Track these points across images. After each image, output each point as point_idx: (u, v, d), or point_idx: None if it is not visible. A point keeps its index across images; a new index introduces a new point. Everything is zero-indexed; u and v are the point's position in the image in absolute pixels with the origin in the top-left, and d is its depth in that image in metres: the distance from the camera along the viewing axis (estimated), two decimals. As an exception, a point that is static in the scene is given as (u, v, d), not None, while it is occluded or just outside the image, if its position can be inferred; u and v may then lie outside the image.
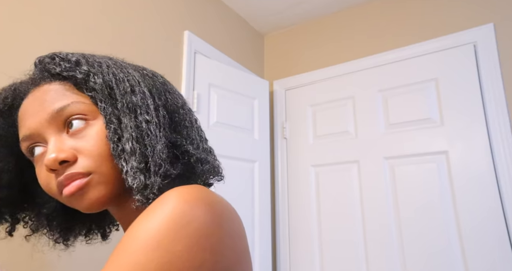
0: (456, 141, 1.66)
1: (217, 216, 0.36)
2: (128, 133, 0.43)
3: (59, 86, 0.46)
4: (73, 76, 0.45)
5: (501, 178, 1.53)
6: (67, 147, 0.43)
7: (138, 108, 0.45)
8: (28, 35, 1.13)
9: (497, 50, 1.65)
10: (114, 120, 0.44)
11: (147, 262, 0.32)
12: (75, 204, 0.44)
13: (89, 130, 0.44)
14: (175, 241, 0.33)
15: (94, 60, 0.47)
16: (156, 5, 1.61)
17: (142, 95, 0.46)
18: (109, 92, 0.45)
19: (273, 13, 2.20)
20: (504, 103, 1.59)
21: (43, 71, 0.48)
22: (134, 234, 0.34)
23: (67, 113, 0.44)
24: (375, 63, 1.95)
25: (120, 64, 0.50)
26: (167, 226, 0.33)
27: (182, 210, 0.34)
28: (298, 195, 2.04)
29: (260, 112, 2.04)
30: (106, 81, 0.45)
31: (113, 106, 0.44)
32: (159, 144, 0.44)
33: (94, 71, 0.45)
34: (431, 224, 1.63)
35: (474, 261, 1.51)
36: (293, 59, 2.27)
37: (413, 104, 1.79)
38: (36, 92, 0.46)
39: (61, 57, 0.47)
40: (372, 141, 1.87)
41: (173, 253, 0.33)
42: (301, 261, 1.93)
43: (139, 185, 0.41)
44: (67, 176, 0.42)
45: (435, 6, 1.85)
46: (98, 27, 1.33)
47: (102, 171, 0.43)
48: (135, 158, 0.42)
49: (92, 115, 0.45)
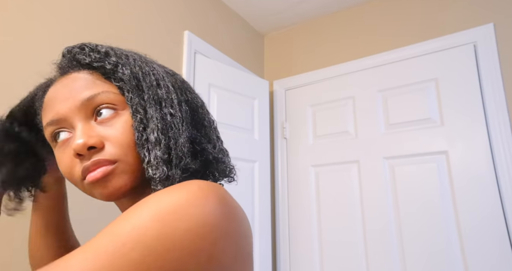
0: (456, 141, 1.66)
1: (227, 212, 0.36)
2: (153, 123, 0.44)
3: (88, 75, 0.47)
4: (102, 66, 0.46)
5: (501, 178, 1.53)
6: (95, 134, 0.44)
7: (163, 101, 0.46)
8: (28, 35, 1.13)
9: (497, 50, 1.65)
10: (140, 110, 0.45)
11: (147, 229, 0.32)
12: (96, 191, 0.44)
13: (117, 120, 0.45)
14: (180, 220, 0.33)
15: (121, 52, 0.49)
16: (156, 5, 1.61)
17: (167, 89, 0.48)
18: (136, 84, 0.46)
19: (273, 13, 2.20)
20: (504, 103, 1.59)
21: (72, 61, 0.48)
22: (144, 202, 0.35)
23: (97, 102, 0.45)
24: (375, 63, 1.95)
25: (145, 58, 0.51)
26: (178, 204, 0.34)
27: (196, 195, 0.35)
28: (298, 195, 2.04)
29: (260, 112, 2.04)
30: (134, 72, 0.46)
31: (139, 97, 0.45)
32: (181, 137, 0.45)
33: (122, 62, 0.47)
34: (431, 224, 1.63)
35: (474, 261, 1.51)
36: (293, 59, 2.27)
37: (413, 104, 1.79)
38: (65, 79, 0.47)
39: (91, 47, 0.48)
40: (372, 141, 1.87)
41: (174, 229, 0.33)
42: (301, 261, 1.93)
43: (161, 175, 0.42)
44: (94, 161, 0.42)
45: (435, 6, 1.85)
46: (98, 27, 1.33)
47: (128, 160, 0.44)
48: (159, 148, 0.43)
49: (121, 106, 0.46)
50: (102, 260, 0.31)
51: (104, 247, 0.32)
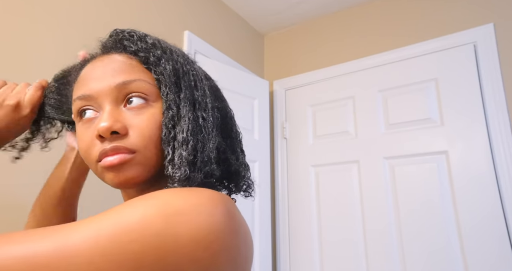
0: (456, 141, 1.66)
1: (233, 227, 0.36)
2: (185, 123, 0.44)
3: (128, 59, 0.47)
4: (146, 57, 0.46)
5: (501, 178, 1.53)
6: (121, 119, 0.44)
7: (197, 103, 0.46)
8: (28, 34, 1.13)
9: (497, 50, 1.65)
10: (174, 107, 0.44)
11: (151, 224, 0.32)
12: (107, 176, 0.44)
13: (145, 110, 0.44)
14: (184, 224, 0.33)
15: (167, 46, 0.49)
16: (156, 5, 1.61)
17: (203, 92, 0.48)
18: (175, 80, 0.46)
19: (273, 13, 2.20)
20: (504, 103, 1.59)
21: (117, 43, 0.49)
22: (152, 196, 0.35)
23: (131, 88, 0.45)
24: (375, 63, 1.95)
25: (188, 57, 0.51)
26: (186, 208, 0.34)
27: (205, 203, 0.35)
28: (298, 195, 2.04)
29: (260, 112, 2.04)
30: (175, 69, 0.46)
31: (175, 94, 0.45)
32: (210, 142, 0.45)
33: (166, 57, 0.47)
34: (431, 224, 1.63)
35: (474, 261, 1.51)
36: (293, 59, 2.27)
37: (413, 104, 1.79)
38: (105, 58, 0.47)
39: (139, 36, 0.48)
40: (372, 141, 1.87)
41: (176, 232, 0.32)
42: (301, 261, 1.93)
43: (182, 175, 0.41)
44: (113, 147, 0.42)
45: (435, 6, 1.85)
46: (98, 27, 1.33)
47: (145, 153, 0.43)
48: (185, 148, 0.42)
49: (152, 97, 0.45)
50: (102, 242, 0.31)
51: (107, 230, 0.31)
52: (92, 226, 0.32)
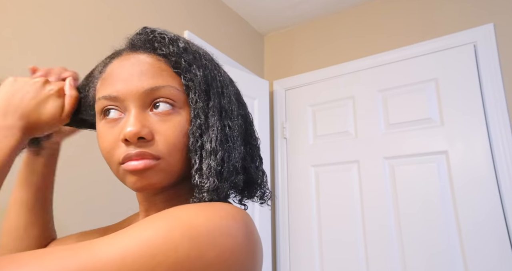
0: (456, 141, 1.66)
1: (251, 248, 0.36)
2: (213, 132, 0.43)
3: (157, 62, 0.45)
4: (176, 61, 0.45)
5: (501, 178, 1.53)
6: (148, 124, 0.43)
7: (223, 111, 0.46)
8: (28, 34, 1.12)
9: (497, 50, 1.64)
10: (202, 115, 0.44)
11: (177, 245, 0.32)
12: (129, 179, 0.43)
13: (172, 117, 0.44)
14: (210, 246, 0.33)
15: (196, 50, 0.47)
16: (156, 5, 1.61)
17: (229, 99, 0.47)
18: (205, 88, 0.45)
19: (273, 13, 2.20)
20: (504, 103, 1.59)
21: (147, 43, 0.47)
22: (174, 215, 0.35)
23: (160, 94, 0.44)
24: (375, 63, 1.95)
25: (215, 61, 0.50)
26: (211, 228, 0.34)
27: (228, 224, 0.35)
28: (298, 195, 2.04)
29: (260, 112, 2.04)
30: (205, 75, 0.45)
31: (204, 102, 0.44)
32: (235, 151, 0.45)
33: (197, 63, 0.45)
34: (431, 224, 1.63)
35: (474, 261, 1.51)
36: (293, 59, 2.27)
37: (413, 104, 1.79)
38: (132, 58, 0.46)
39: (171, 39, 0.46)
40: (372, 141, 1.87)
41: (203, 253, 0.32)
42: (301, 261, 1.93)
43: (211, 186, 0.41)
44: (139, 152, 0.42)
45: (435, 6, 1.85)
46: (98, 27, 1.33)
47: (169, 160, 0.43)
48: (214, 158, 0.42)
49: (179, 103, 0.44)
50: (129, 264, 0.30)
51: (132, 253, 0.31)
52: (117, 246, 0.31)
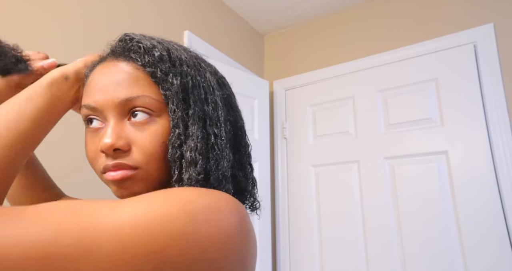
0: (456, 141, 1.66)
1: (245, 232, 0.36)
2: (193, 142, 0.42)
3: (135, 71, 0.45)
4: (153, 72, 0.44)
5: (501, 178, 1.53)
6: (124, 135, 0.43)
7: (208, 118, 0.45)
8: (28, 34, 1.12)
9: (497, 50, 1.65)
10: (181, 125, 0.43)
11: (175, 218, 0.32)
12: (112, 188, 0.45)
13: (149, 126, 0.44)
14: (205, 223, 0.33)
15: (176, 56, 0.46)
16: (156, 5, 1.61)
17: (214, 105, 0.46)
18: (183, 97, 0.44)
19: (273, 13, 2.20)
20: (504, 103, 1.59)
21: (125, 52, 0.47)
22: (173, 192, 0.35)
23: (135, 104, 0.44)
24: (375, 63, 1.95)
25: (199, 65, 0.48)
26: (207, 207, 0.34)
27: (222, 206, 0.35)
28: (298, 195, 2.04)
29: (260, 112, 2.04)
30: (183, 83, 0.44)
31: (183, 111, 0.44)
32: (224, 160, 0.44)
33: (174, 71, 0.44)
34: (431, 224, 1.63)
35: (474, 261, 1.51)
36: (293, 59, 2.27)
37: (413, 104, 1.79)
38: (113, 66, 0.46)
39: (146, 48, 0.45)
40: (372, 141, 1.87)
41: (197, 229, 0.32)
42: (301, 261, 1.93)
43: None
44: (115, 164, 0.42)
45: (435, 6, 1.85)
46: (97, 27, 1.33)
47: (148, 170, 0.43)
48: (194, 168, 0.42)
49: (157, 112, 0.44)
50: (125, 235, 0.30)
51: (131, 222, 0.31)
52: (118, 215, 0.31)
